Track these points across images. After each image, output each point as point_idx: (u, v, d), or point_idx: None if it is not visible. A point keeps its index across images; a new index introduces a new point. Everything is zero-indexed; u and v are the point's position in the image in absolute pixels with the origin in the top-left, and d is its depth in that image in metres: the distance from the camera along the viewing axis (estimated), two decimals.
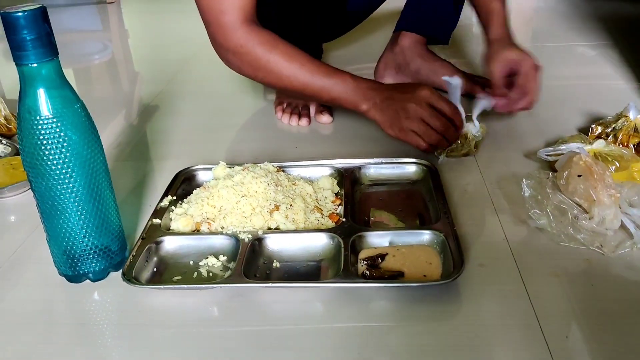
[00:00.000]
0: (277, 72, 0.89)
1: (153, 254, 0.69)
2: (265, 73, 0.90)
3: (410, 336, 0.57)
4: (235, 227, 0.71)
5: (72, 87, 0.60)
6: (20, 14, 0.54)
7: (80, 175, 0.61)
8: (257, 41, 0.88)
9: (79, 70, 1.61)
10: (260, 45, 0.88)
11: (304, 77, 0.89)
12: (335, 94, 0.89)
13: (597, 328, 0.57)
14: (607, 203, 0.69)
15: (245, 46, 0.88)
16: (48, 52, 0.57)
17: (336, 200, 0.79)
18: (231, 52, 0.90)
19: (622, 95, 1.15)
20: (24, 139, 0.59)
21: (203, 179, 0.85)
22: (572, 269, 0.65)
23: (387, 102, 0.86)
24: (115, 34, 2.05)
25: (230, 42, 0.89)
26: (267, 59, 0.88)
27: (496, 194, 0.81)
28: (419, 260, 0.66)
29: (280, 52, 0.88)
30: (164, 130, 1.11)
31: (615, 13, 1.80)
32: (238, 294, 0.64)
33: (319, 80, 0.89)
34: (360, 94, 0.88)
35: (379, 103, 0.87)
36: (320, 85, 0.89)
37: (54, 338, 0.60)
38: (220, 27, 0.89)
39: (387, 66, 1.22)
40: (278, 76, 0.89)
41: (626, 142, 0.88)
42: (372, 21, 1.46)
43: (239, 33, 0.88)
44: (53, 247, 0.65)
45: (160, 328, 0.60)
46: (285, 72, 0.89)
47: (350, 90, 0.88)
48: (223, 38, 0.89)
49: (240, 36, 0.88)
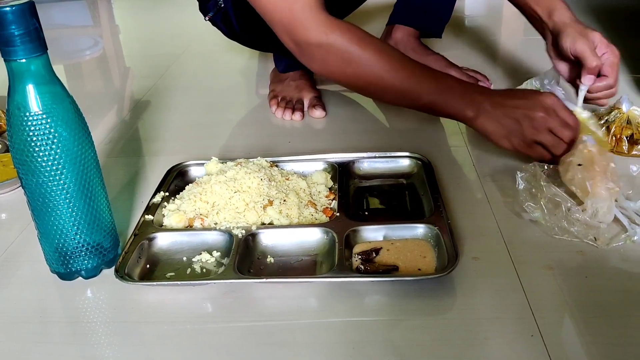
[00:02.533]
0: (369, 68, 0.78)
1: (146, 251, 0.69)
2: (355, 70, 0.79)
3: (405, 330, 0.57)
4: (228, 223, 0.71)
5: (62, 83, 0.60)
6: (8, 8, 0.54)
7: (71, 171, 0.60)
8: (344, 30, 0.78)
9: (69, 66, 1.60)
10: (350, 35, 0.78)
11: (401, 77, 0.78)
12: (435, 98, 0.79)
13: (591, 320, 0.57)
14: (602, 196, 0.68)
15: (331, 34, 0.77)
16: (37, 48, 0.56)
17: (330, 194, 0.78)
18: (314, 44, 0.78)
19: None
20: (14, 136, 0.58)
21: (196, 174, 0.85)
22: (566, 262, 0.66)
23: (501, 109, 0.77)
24: (106, 30, 2.04)
25: (313, 33, 0.78)
26: (359, 54, 0.77)
27: (490, 187, 0.81)
28: (413, 254, 0.66)
29: (374, 46, 0.78)
30: (155, 126, 1.11)
31: (607, 5, 1.80)
32: (232, 289, 0.64)
33: (418, 81, 0.79)
34: (466, 100, 0.78)
35: (490, 110, 0.77)
36: (418, 87, 0.79)
37: (46, 336, 0.59)
38: (296, 19, 0.78)
39: None
40: (370, 73, 0.78)
41: (619, 134, 0.88)
42: (364, 14, 1.46)
43: (321, 20, 0.78)
44: (44, 245, 0.65)
45: (153, 325, 0.60)
46: (378, 70, 0.78)
47: (455, 95, 0.78)
48: (303, 30, 0.78)
49: (323, 23, 0.78)
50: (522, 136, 0.76)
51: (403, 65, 0.79)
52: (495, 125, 0.77)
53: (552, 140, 0.75)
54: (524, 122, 0.75)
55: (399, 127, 1.04)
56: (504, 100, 0.77)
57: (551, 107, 0.75)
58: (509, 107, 0.76)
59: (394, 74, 0.78)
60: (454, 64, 1.17)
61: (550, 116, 0.75)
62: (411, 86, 0.79)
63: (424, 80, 0.79)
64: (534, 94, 0.77)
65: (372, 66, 0.78)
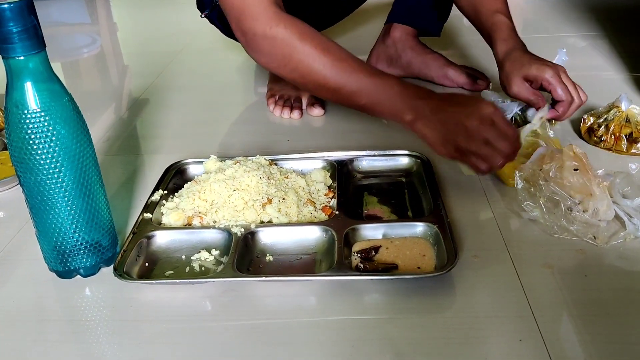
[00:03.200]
0: (309, 64, 0.77)
1: (144, 249, 0.69)
2: (297, 63, 0.78)
3: (404, 328, 0.57)
4: (227, 221, 0.71)
5: (61, 81, 0.59)
6: (6, 5, 0.53)
7: (69, 169, 0.60)
8: (291, 24, 0.78)
9: (67, 64, 1.59)
10: (294, 29, 0.78)
11: (341, 74, 0.77)
12: (375, 98, 0.76)
13: (590, 318, 0.57)
14: (600, 194, 0.69)
15: (276, 27, 0.77)
16: (35, 45, 0.56)
17: (329, 193, 0.78)
18: (260, 35, 0.79)
19: (613, 86, 1.15)
20: (12, 133, 0.58)
21: (194, 172, 0.84)
22: (565, 260, 0.66)
23: (440, 114, 0.73)
24: (103, 27, 2.03)
25: (260, 24, 0.78)
26: (301, 46, 0.77)
27: (489, 185, 0.81)
28: (412, 252, 0.66)
29: (317, 42, 0.77)
30: (154, 123, 1.10)
31: (605, 3, 1.80)
32: (231, 288, 0.63)
33: (358, 80, 0.76)
34: (405, 102, 0.75)
35: (429, 115, 0.74)
36: (358, 86, 0.76)
37: (44, 335, 0.59)
38: (247, 9, 0.79)
39: (378, 59, 1.21)
40: (310, 69, 0.77)
41: (618, 132, 0.88)
42: (363, 13, 1.45)
43: (270, 13, 0.78)
44: (43, 243, 0.65)
45: (152, 323, 0.60)
46: (319, 65, 0.77)
47: (394, 96, 0.76)
48: (251, 20, 0.79)
49: (271, 16, 0.78)
50: (457, 145, 0.72)
51: (344, 63, 0.77)
52: (432, 131, 0.73)
53: (487, 152, 0.71)
54: (459, 130, 0.71)
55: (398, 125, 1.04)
56: (444, 106, 0.74)
57: (488, 117, 0.71)
58: (447, 113, 0.73)
59: (334, 71, 0.77)
60: (452, 62, 1.17)
61: (487, 126, 0.70)
62: (350, 84, 0.77)
63: (364, 79, 0.76)
64: (474, 101, 0.74)
65: (313, 61, 0.77)
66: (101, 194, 0.65)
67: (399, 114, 0.76)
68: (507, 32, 0.92)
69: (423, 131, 0.74)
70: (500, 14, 0.94)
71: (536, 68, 0.86)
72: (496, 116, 0.71)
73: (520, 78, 0.87)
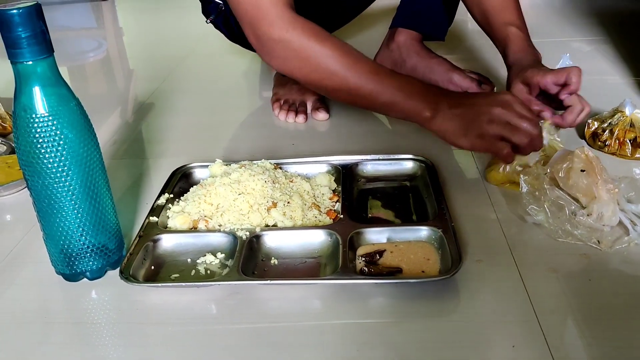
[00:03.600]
0: (328, 66, 0.78)
1: (150, 252, 0.69)
2: (314, 66, 0.79)
3: (408, 332, 0.57)
4: (232, 225, 0.71)
5: (68, 85, 0.60)
6: (15, 11, 0.54)
7: (76, 173, 0.60)
8: (306, 28, 0.78)
9: (73, 68, 1.60)
10: (310, 33, 0.78)
11: (360, 74, 0.77)
12: (393, 96, 0.77)
13: (594, 323, 0.57)
14: (607, 199, 0.69)
15: (292, 31, 0.78)
16: (43, 50, 0.56)
17: (334, 197, 0.78)
18: (275, 39, 0.79)
19: (617, 90, 1.15)
20: (20, 137, 0.59)
21: (200, 176, 0.85)
22: (569, 265, 0.66)
23: (459, 109, 0.75)
24: (109, 32, 2.04)
25: (276, 28, 0.79)
26: (317, 50, 0.78)
27: (493, 189, 0.81)
28: (417, 256, 0.66)
29: (332, 44, 0.78)
30: (160, 127, 1.11)
31: (610, 8, 1.80)
32: (236, 291, 0.64)
33: (376, 79, 0.77)
34: (425, 99, 0.76)
35: (447, 110, 0.75)
36: (376, 85, 0.77)
37: (51, 337, 0.60)
38: (261, 14, 0.79)
39: (383, 63, 1.21)
40: (326, 71, 0.78)
41: (622, 137, 0.88)
42: (367, 17, 1.46)
43: (285, 17, 0.79)
44: (50, 246, 0.65)
45: (158, 326, 0.60)
46: (338, 66, 0.77)
47: (414, 94, 0.77)
48: (266, 25, 0.79)
49: (287, 20, 0.78)
50: (480, 132, 0.73)
51: (363, 63, 0.78)
52: (452, 124, 0.75)
53: (512, 131, 0.73)
54: (481, 118, 0.73)
55: (402, 129, 1.04)
56: (462, 100, 0.76)
57: (508, 102, 0.74)
58: (467, 106, 0.75)
59: (354, 71, 0.77)
60: (457, 67, 1.17)
61: (508, 110, 0.73)
62: (369, 83, 0.77)
63: (384, 79, 0.78)
64: (491, 93, 0.76)
65: (333, 63, 0.77)
66: (108, 197, 0.66)
67: (419, 112, 0.76)
68: (519, 45, 0.91)
69: (443, 125, 0.75)
70: (512, 26, 0.93)
71: (532, 72, 0.85)
72: (515, 101, 0.74)
73: (519, 82, 0.87)
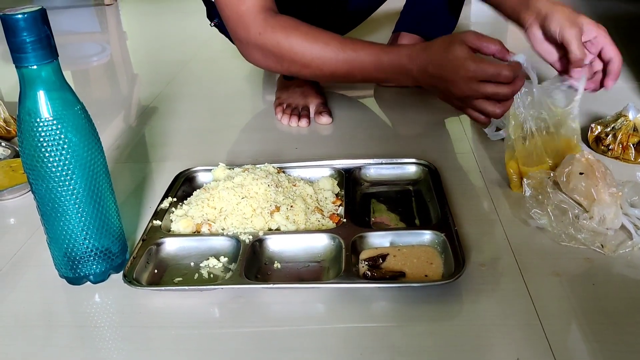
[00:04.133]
0: (301, 57, 0.82)
1: (154, 256, 0.69)
2: (290, 60, 0.83)
3: (412, 336, 0.57)
4: (235, 229, 0.71)
5: (72, 89, 0.60)
6: (20, 16, 0.54)
7: (80, 177, 0.61)
8: (277, 26, 0.82)
9: (77, 72, 1.61)
10: (280, 30, 0.82)
11: (334, 56, 0.80)
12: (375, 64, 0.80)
13: (598, 327, 0.57)
14: (608, 201, 0.69)
15: (264, 33, 0.82)
16: (48, 54, 0.57)
17: (337, 201, 0.79)
18: (252, 43, 0.84)
19: (620, 94, 1.15)
20: (24, 141, 0.59)
21: (203, 180, 0.85)
22: (573, 269, 0.66)
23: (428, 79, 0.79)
24: (113, 36, 2.05)
25: (251, 32, 0.83)
26: (288, 43, 0.81)
27: (497, 193, 0.81)
28: (420, 260, 0.66)
29: (301, 33, 0.81)
30: (163, 131, 1.11)
31: (612, 12, 1.80)
32: (239, 295, 0.64)
33: (352, 53, 0.80)
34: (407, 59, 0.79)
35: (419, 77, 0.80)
36: (354, 60, 0.80)
37: (54, 340, 0.60)
38: (240, 18, 0.84)
39: None
40: (303, 61, 0.82)
41: (625, 141, 0.88)
42: (371, 22, 1.46)
43: (258, 20, 0.83)
44: (53, 249, 0.65)
45: (161, 330, 0.60)
46: (310, 54, 0.81)
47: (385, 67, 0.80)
48: (244, 29, 0.84)
49: (260, 23, 0.83)
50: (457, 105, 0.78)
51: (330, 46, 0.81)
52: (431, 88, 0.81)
53: (490, 105, 0.74)
54: (453, 95, 0.76)
55: (405, 133, 1.05)
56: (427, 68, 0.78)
57: (474, 75, 0.72)
58: (435, 78, 0.77)
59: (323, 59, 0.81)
60: None
61: (479, 84, 0.72)
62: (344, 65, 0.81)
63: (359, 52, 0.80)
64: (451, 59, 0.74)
65: (302, 55, 0.82)
66: (111, 201, 0.66)
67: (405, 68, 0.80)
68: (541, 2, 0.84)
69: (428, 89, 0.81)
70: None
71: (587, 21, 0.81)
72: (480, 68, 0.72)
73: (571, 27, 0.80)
